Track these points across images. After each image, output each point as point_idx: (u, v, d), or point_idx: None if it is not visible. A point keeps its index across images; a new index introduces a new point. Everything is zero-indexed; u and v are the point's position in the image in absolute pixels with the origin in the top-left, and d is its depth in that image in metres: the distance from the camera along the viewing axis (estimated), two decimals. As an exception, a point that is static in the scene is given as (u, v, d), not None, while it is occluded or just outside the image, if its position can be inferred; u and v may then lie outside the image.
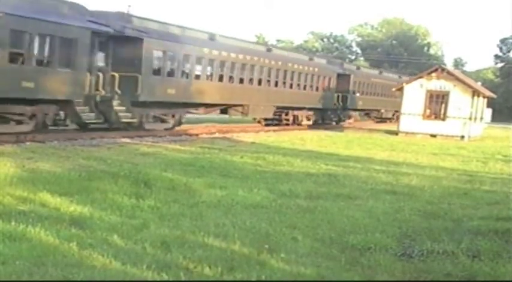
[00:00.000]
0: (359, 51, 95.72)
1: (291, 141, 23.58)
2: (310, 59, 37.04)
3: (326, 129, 34.26)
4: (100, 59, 20.94)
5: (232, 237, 7.20)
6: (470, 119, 31.92)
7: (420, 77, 33.56)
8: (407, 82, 34.58)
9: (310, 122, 36.63)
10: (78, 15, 19.32)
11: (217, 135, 25.06)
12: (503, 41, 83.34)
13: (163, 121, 24.63)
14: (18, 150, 15.11)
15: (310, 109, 36.09)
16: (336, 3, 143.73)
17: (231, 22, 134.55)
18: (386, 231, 8.15)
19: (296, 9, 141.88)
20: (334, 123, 39.52)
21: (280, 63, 31.83)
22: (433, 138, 30.82)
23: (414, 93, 32.47)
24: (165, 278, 5.71)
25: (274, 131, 30.18)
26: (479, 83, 43.64)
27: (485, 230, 8.49)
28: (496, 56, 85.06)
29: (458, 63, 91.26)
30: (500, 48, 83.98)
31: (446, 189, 12.74)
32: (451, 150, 23.98)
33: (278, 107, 32.62)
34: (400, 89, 33.88)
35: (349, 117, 42.94)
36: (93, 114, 20.08)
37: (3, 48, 16.70)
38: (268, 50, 32.94)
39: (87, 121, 20.18)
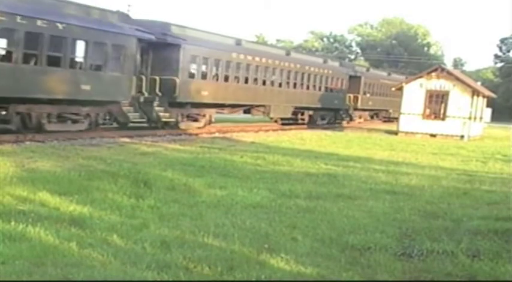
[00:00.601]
0: (359, 50, 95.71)
1: (290, 141, 23.58)
2: (325, 62, 38.47)
3: (326, 129, 34.31)
4: (143, 64, 23.36)
5: (232, 237, 7.20)
6: (470, 118, 31.88)
7: (420, 77, 33.48)
8: (407, 82, 34.56)
9: (325, 121, 38.14)
10: (125, 23, 21.13)
11: (217, 135, 25.07)
12: (503, 40, 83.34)
13: (195, 120, 26.30)
14: (18, 149, 15.10)
15: (324, 109, 37.34)
16: (336, 3, 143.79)
17: (231, 22, 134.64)
18: (386, 231, 8.15)
19: (296, 9, 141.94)
20: (345, 122, 41.00)
21: (298, 66, 33.40)
22: (432, 138, 30.81)
23: (414, 93, 32.46)
24: (165, 278, 5.70)
25: (273, 130, 30.27)
26: (479, 83, 43.63)
27: (485, 230, 8.48)
28: (496, 56, 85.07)
29: (458, 63, 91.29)
30: (500, 48, 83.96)
31: (446, 189, 12.72)
32: (451, 150, 23.96)
33: (296, 107, 34.04)
34: (400, 89, 33.86)
35: (360, 116, 44.55)
36: (137, 114, 22.27)
37: (64, 55, 18.75)
38: (287, 53, 34.62)
39: (133, 120, 22.35)
